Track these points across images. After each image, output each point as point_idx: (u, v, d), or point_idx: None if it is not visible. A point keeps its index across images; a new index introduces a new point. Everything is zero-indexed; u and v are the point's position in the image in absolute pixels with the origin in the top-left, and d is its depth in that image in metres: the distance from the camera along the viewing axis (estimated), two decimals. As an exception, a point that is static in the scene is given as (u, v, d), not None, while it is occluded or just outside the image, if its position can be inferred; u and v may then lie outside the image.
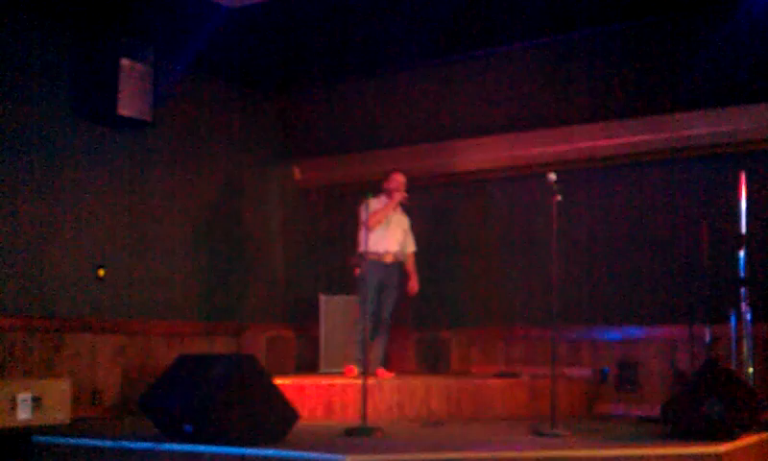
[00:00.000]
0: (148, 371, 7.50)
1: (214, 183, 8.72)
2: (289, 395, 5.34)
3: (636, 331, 7.80)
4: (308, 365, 8.82)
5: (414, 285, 7.77)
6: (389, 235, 7.63)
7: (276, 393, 5.14)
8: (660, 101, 7.79)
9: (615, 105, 8.00)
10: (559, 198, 5.88)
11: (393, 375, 7.55)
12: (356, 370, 7.45)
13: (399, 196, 7.64)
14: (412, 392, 6.82)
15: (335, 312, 8.59)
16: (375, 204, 7.58)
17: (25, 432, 5.70)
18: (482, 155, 8.55)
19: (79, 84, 7.38)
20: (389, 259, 7.60)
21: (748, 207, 6.48)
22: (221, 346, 8.44)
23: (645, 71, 7.95)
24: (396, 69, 9.00)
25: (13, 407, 6.10)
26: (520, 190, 8.48)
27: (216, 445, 4.80)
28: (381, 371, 7.48)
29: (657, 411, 5.97)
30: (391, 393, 6.76)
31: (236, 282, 8.82)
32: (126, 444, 5.14)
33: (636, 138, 7.80)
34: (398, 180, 7.72)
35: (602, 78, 8.15)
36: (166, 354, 7.70)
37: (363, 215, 7.42)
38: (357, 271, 7.65)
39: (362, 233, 7.34)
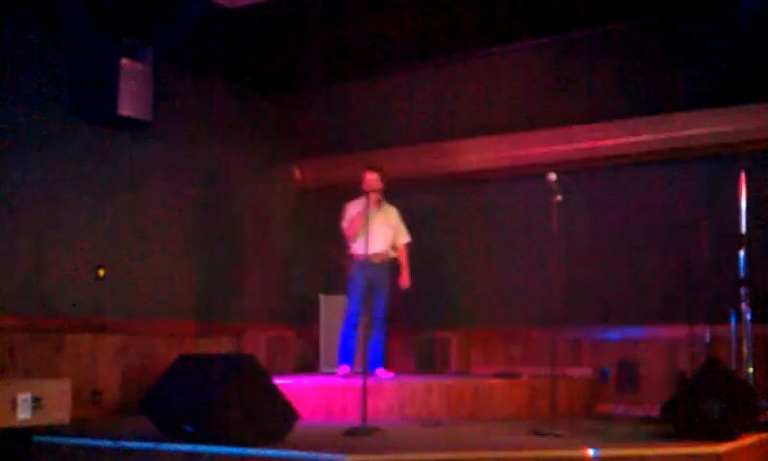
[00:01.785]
0: (148, 371, 7.50)
1: (214, 183, 8.72)
2: (289, 395, 5.34)
3: (635, 331, 7.81)
4: (308, 365, 8.82)
5: (404, 279, 7.62)
6: (374, 236, 7.38)
7: (276, 393, 5.14)
8: (660, 101, 7.79)
9: (615, 105, 8.00)
10: (559, 198, 5.88)
11: (393, 374, 7.55)
12: (348, 369, 7.46)
13: (373, 197, 7.41)
14: (412, 392, 6.82)
15: (335, 312, 8.57)
16: (354, 207, 7.56)
17: (25, 432, 5.70)
18: (482, 155, 8.55)
19: (79, 84, 7.37)
20: (377, 260, 7.48)
21: (748, 207, 6.48)
22: (221, 346, 8.44)
23: (645, 71, 7.95)
24: (396, 69, 9.00)
25: (13, 407, 6.09)
26: (520, 190, 8.48)
27: (216, 445, 4.80)
28: (381, 370, 7.48)
29: (657, 411, 5.98)
30: (391, 393, 6.76)
31: (236, 282, 8.82)
32: (126, 444, 5.14)
33: (636, 138, 7.81)
34: (369, 178, 7.50)
35: (602, 78, 8.15)
36: (166, 354, 7.69)
37: (344, 223, 7.49)
38: (348, 271, 7.66)
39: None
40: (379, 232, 7.50)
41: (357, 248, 7.48)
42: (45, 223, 7.14)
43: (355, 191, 7.59)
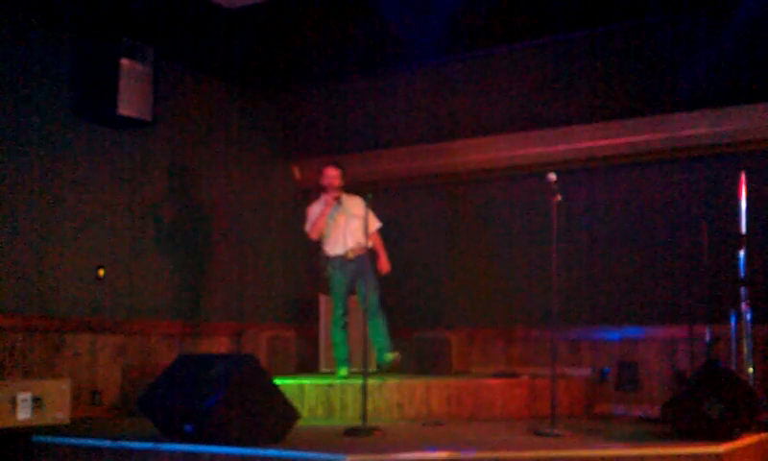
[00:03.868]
0: (148, 371, 7.50)
1: (214, 183, 8.72)
2: (289, 395, 5.34)
3: (635, 331, 7.81)
4: (308, 365, 8.82)
5: (383, 264, 7.54)
6: (341, 233, 7.43)
7: (276, 393, 5.14)
8: (660, 101, 7.79)
9: (615, 105, 8.00)
10: (559, 198, 5.88)
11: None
12: (347, 371, 7.45)
13: (329, 197, 7.39)
14: (412, 392, 6.82)
15: (335, 312, 8.59)
16: (315, 209, 7.51)
17: (25, 432, 5.70)
18: (482, 155, 8.55)
19: (79, 84, 7.37)
20: (351, 255, 7.43)
21: (748, 207, 6.48)
22: (221, 346, 8.44)
23: (645, 71, 7.94)
24: (396, 69, 9.00)
25: (13, 407, 6.10)
26: (520, 190, 8.48)
27: (216, 445, 4.80)
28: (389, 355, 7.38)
29: (657, 411, 5.98)
30: (391, 393, 6.76)
31: (236, 282, 8.82)
32: (126, 444, 5.15)
33: (636, 138, 7.81)
34: (328, 174, 7.46)
35: (602, 78, 8.14)
36: (166, 354, 7.70)
37: (306, 227, 7.45)
38: (326, 272, 7.62)
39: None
40: (346, 228, 7.43)
41: (329, 248, 7.46)
42: (45, 223, 7.14)
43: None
